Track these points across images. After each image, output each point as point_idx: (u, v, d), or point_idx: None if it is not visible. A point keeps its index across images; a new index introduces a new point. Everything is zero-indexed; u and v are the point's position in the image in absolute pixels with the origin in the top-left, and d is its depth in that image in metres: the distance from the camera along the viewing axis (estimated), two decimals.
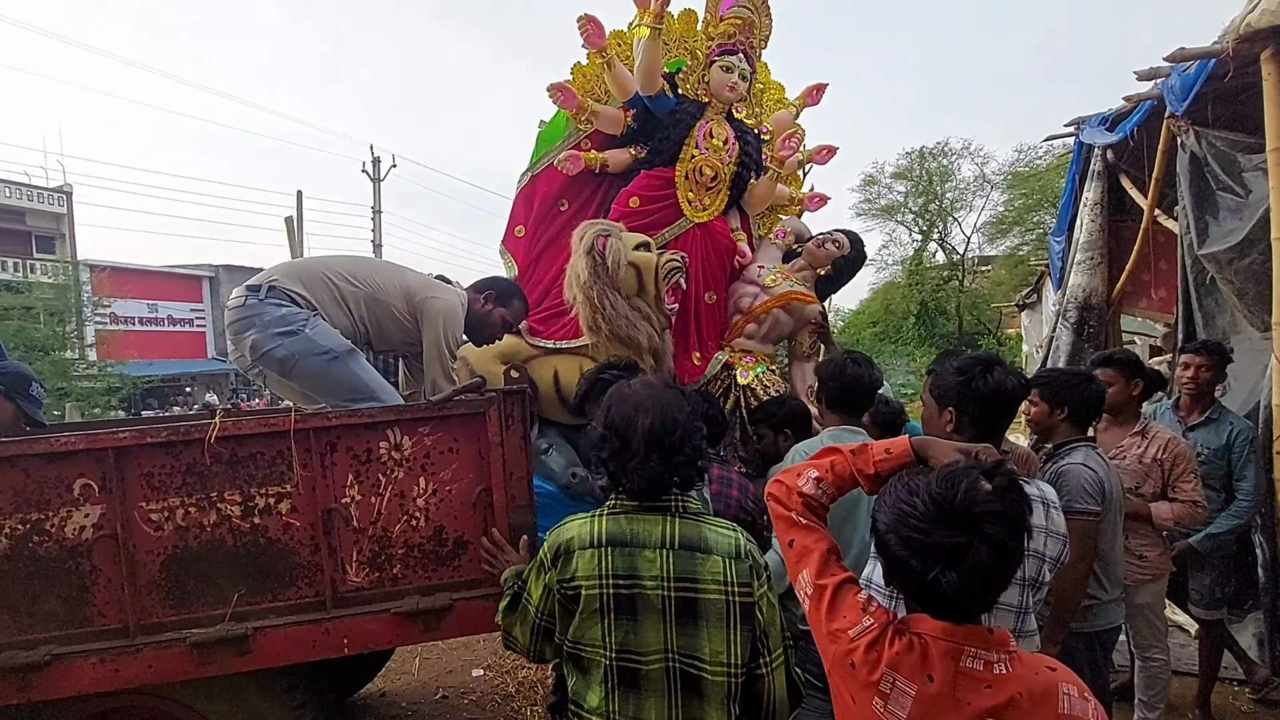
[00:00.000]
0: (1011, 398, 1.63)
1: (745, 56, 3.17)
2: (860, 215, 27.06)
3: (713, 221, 3.24)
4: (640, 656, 1.38)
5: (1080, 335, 5.96)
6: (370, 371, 2.52)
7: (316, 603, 2.13)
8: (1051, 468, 2.39)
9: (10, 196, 25.60)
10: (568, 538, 1.44)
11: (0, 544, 2.00)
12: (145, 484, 2.06)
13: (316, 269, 2.57)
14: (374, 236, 21.12)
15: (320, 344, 2.41)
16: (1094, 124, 5.58)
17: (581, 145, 3.27)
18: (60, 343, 18.49)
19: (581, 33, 3.04)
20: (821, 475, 1.23)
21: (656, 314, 2.83)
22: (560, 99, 3.18)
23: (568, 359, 2.89)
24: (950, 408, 1.65)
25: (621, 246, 2.74)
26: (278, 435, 2.10)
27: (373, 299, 2.57)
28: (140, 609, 2.06)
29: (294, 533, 2.13)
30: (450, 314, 2.56)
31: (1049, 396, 2.44)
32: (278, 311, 2.41)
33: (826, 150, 3.70)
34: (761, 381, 3.13)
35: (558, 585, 1.42)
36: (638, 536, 1.40)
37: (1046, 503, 1.62)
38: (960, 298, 24.95)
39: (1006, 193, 23.24)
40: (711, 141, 3.16)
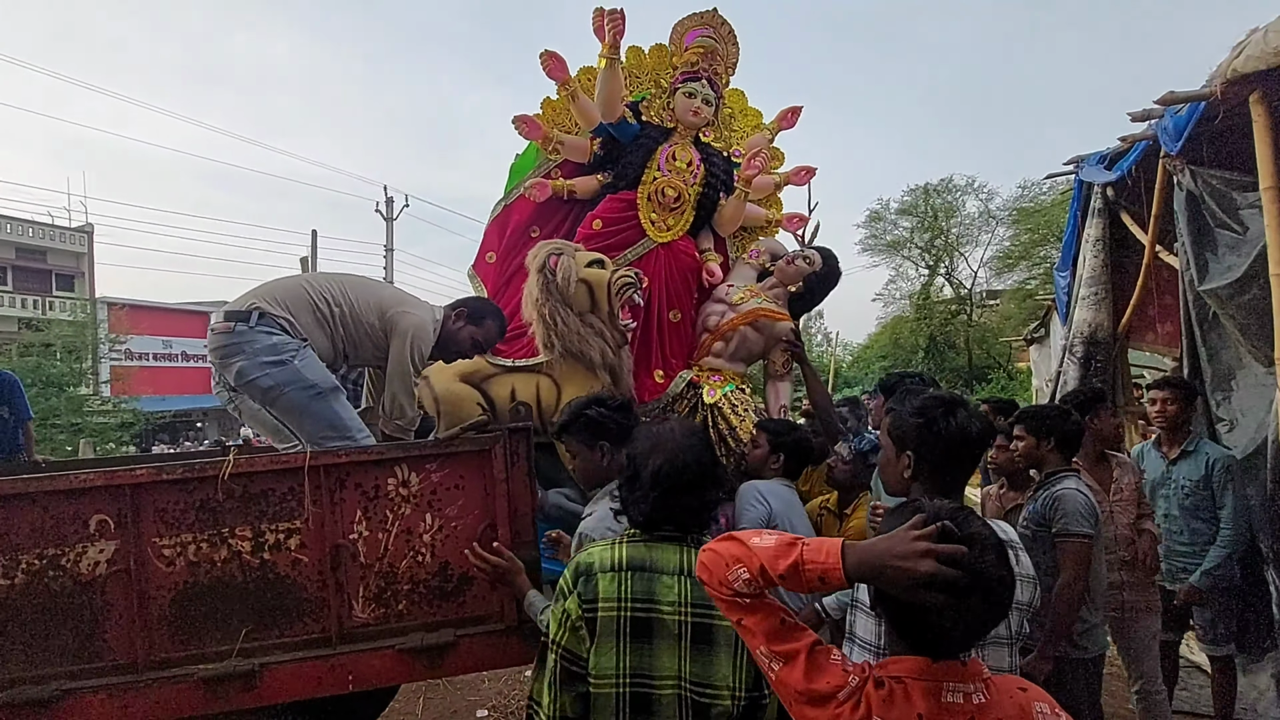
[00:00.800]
0: (975, 443, 1.51)
1: (709, 83, 3.29)
2: (866, 250, 27.26)
3: (677, 241, 3.31)
4: (653, 682, 1.40)
5: (1088, 370, 5.95)
6: (350, 411, 2.57)
7: (323, 638, 2.15)
8: (1044, 494, 2.46)
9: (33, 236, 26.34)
10: (589, 562, 1.48)
11: (17, 579, 2.05)
12: (159, 520, 2.11)
13: (299, 291, 2.59)
14: (386, 274, 21.48)
15: (307, 378, 2.45)
16: (1092, 162, 5.67)
17: (552, 174, 3.41)
18: (77, 379, 18.77)
19: (543, 67, 3.21)
20: (751, 577, 1.10)
21: (611, 330, 2.86)
22: (525, 130, 3.33)
23: (525, 376, 2.93)
24: (909, 451, 1.52)
25: (573, 264, 2.81)
26: (289, 472, 2.15)
27: (350, 317, 2.61)
28: (150, 644, 2.08)
29: (302, 568, 2.16)
30: (419, 330, 2.59)
31: (1034, 429, 2.55)
32: (268, 340, 2.43)
33: (805, 171, 3.74)
34: (729, 400, 3.11)
35: (579, 607, 1.43)
36: (656, 563, 1.45)
37: (1013, 546, 1.55)
38: (969, 332, 24.91)
39: (1012, 228, 23.38)
40: (674, 164, 3.26)
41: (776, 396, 3.32)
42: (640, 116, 3.38)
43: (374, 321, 2.61)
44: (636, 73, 3.48)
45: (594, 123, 3.30)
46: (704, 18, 3.41)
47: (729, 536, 1.17)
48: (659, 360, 3.22)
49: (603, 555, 1.48)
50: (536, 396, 2.85)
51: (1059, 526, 2.37)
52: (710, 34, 3.37)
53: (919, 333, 25.33)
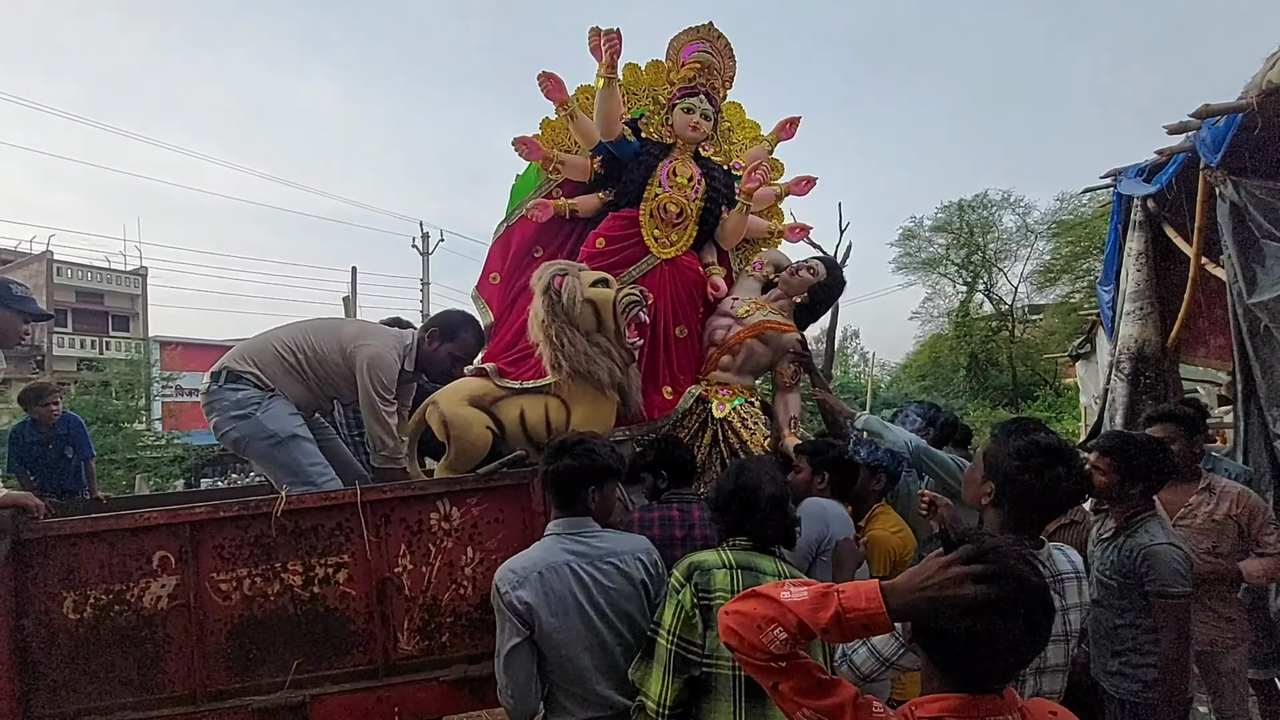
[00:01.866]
0: (1062, 503, 1.55)
1: (707, 97, 3.29)
2: (901, 269, 26.92)
3: (681, 257, 3.29)
4: None
5: (1136, 387, 5.75)
6: (311, 456, 2.66)
7: (370, 670, 2.21)
8: (1129, 543, 2.27)
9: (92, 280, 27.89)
10: (700, 561, 1.78)
11: (86, 613, 2.16)
12: (216, 555, 2.21)
13: (267, 346, 2.74)
14: (422, 307, 22.02)
15: (267, 428, 2.60)
16: (1130, 175, 5.56)
17: (553, 194, 3.42)
18: (131, 416, 19.59)
19: (541, 89, 3.25)
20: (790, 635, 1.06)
21: (618, 349, 2.84)
22: (525, 151, 3.36)
23: (533, 398, 2.91)
24: (994, 483, 1.58)
25: (578, 284, 2.79)
26: (337, 508, 2.23)
27: (316, 360, 2.73)
28: (207, 676, 2.17)
29: (350, 602, 2.23)
30: (374, 361, 2.68)
31: (1123, 468, 2.31)
32: (234, 396, 2.62)
33: (805, 181, 3.71)
34: (739, 414, 3.08)
35: (693, 598, 1.71)
36: (759, 566, 1.78)
37: (1079, 576, 1.58)
38: (1012, 348, 24.28)
39: (1052, 241, 22.87)
40: (675, 179, 3.26)
41: (786, 408, 3.28)
42: (639, 134, 3.40)
43: (338, 360, 2.73)
44: (635, 90, 3.51)
45: (593, 141, 3.34)
46: (700, 32, 3.43)
47: (753, 594, 1.14)
48: (667, 376, 3.20)
49: (713, 557, 1.79)
50: (545, 418, 2.83)
51: (1155, 587, 2.18)
52: (707, 49, 3.38)
53: (959, 350, 24.79)
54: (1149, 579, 2.19)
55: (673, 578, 1.80)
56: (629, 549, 1.96)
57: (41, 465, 4.28)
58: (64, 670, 2.16)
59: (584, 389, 2.80)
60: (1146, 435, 2.59)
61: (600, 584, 1.87)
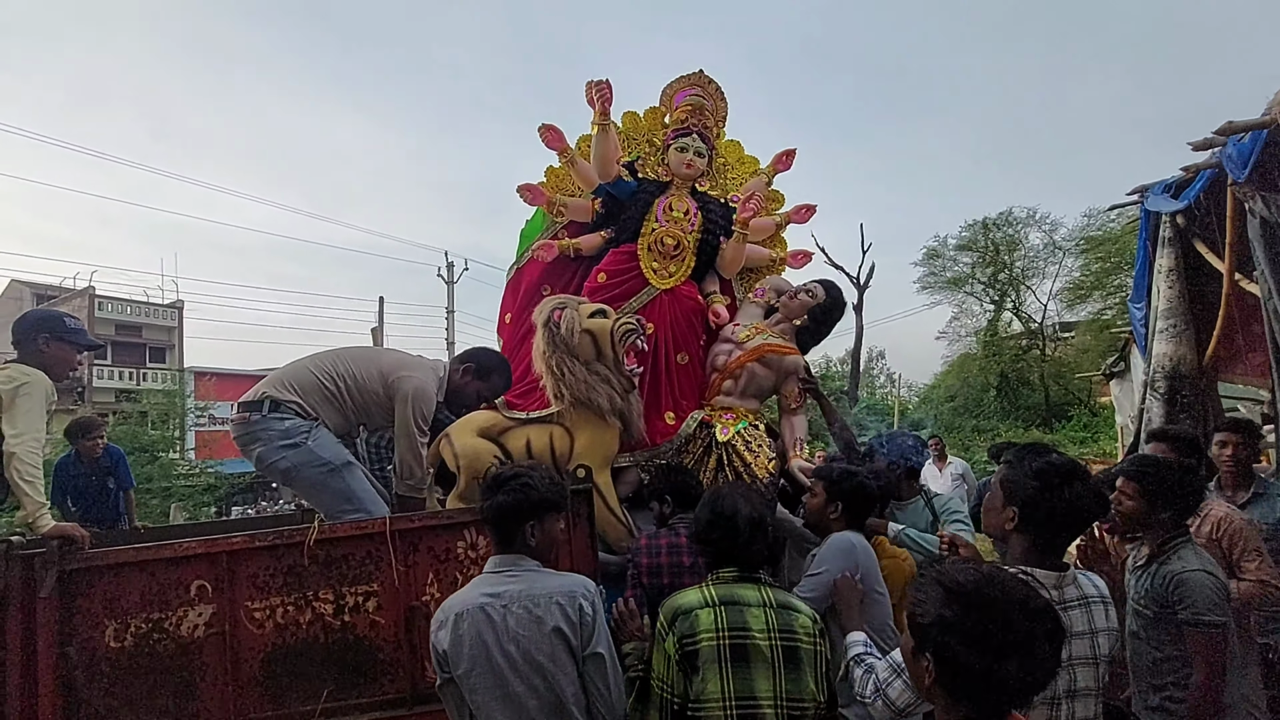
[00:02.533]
0: (1085, 519, 1.56)
1: (700, 136, 3.46)
2: (926, 289, 26.63)
3: (679, 286, 3.40)
4: (756, 704, 1.62)
5: (1174, 406, 5.61)
6: (364, 484, 2.72)
7: (398, 699, 2.23)
8: (1161, 570, 2.19)
9: (130, 313, 28.90)
10: (683, 603, 1.73)
11: (126, 642, 2.22)
12: (251, 584, 2.26)
13: (305, 373, 2.79)
14: (448, 335, 22.35)
15: (321, 456, 2.65)
16: (1157, 192, 5.49)
17: (558, 235, 3.60)
18: (167, 445, 20.08)
19: (542, 140, 3.47)
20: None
21: (617, 376, 2.92)
22: (529, 197, 3.59)
23: (538, 428, 2.99)
24: (1015, 507, 1.58)
25: (576, 316, 2.90)
26: (367, 537, 2.27)
27: (355, 389, 2.79)
28: (241, 704, 2.21)
29: (380, 630, 2.27)
30: (419, 393, 2.74)
31: (1150, 493, 2.22)
32: (281, 425, 2.66)
33: (806, 209, 3.81)
34: (743, 437, 3.10)
35: (677, 646, 1.67)
36: (742, 598, 1.73)
37: (1105, 600, 1.57)
38: (1043, 367, 23.77)
39: (1081, 257, 22.48)
40: (671, 214, 3.41)
41: (791, 430, 3.30)
42: (636, 174, 3.58)
43: (378, 389, 2.79)
44: (633, 134, 3.72)
45: (593, 184, 3.52)
46: (691, 79, 3.61)
47: None
48: (669, 403, 3.28)
49: (695, 596, 1.74)
50: (550, 446, 2.91)
51: (1187, 615, 2.09)
52: (698, 93, 3.55)
53: (989, 370, 24.32)
54: (1181, 607, 2.11)
55: (659, 622, 1.74)
56: (548, 591, 1.71)
57: (84, 496, 4.44)
58: (105, 699, 2.22)
59: (586, 417, 2.88)
60: (1174, 459, 2.53)
61: (510, 629, 1.66)
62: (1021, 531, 1.57)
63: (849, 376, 28.50)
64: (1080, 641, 1.47)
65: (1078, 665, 1.46)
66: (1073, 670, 1.45)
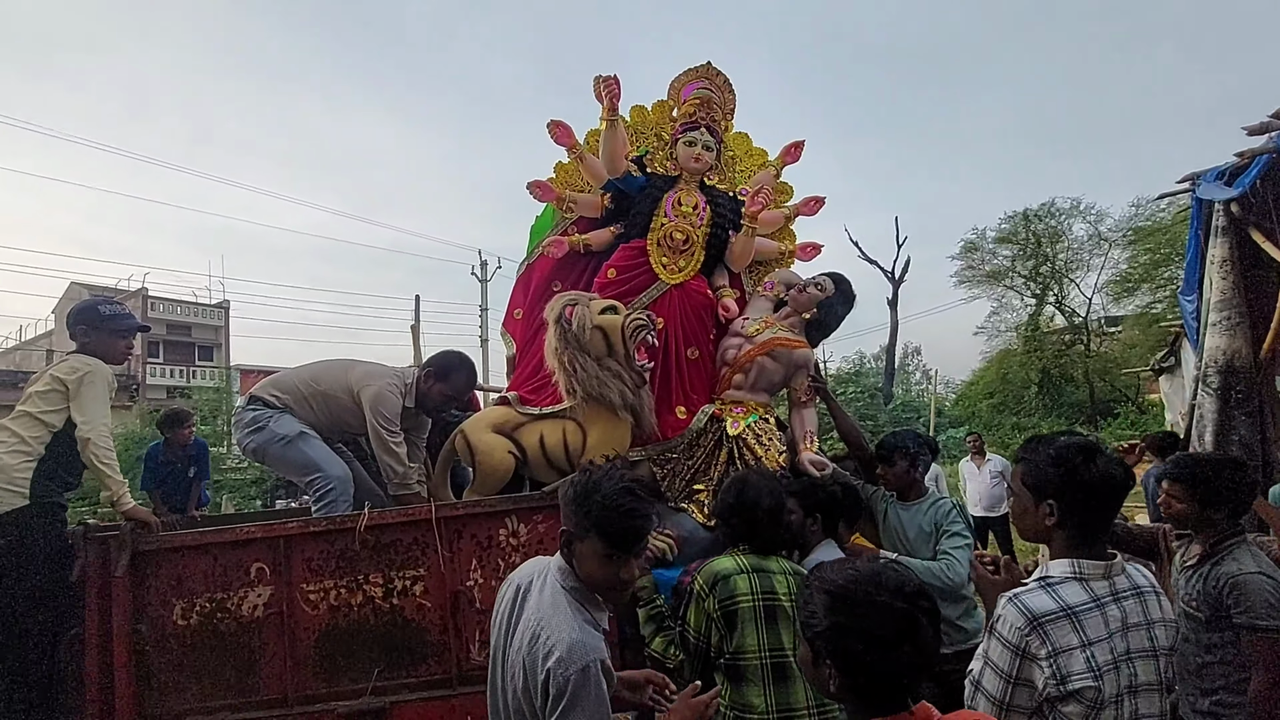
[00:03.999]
0: (1120, 489, 1.48)
1: (709, 130, 3.45)
2: (963, 283, 26.01)
3: (689, 281, 3.41)
4: (784, 653, 1.92)
5: (1227, 402, 5.41)
6: (319, 450, 2.96)
7: (444, 679, 2.32)
8: (1214, 572, 2.14)
9: (180, 314, 30.09)
10: (720, 570, 2.00)
11: (192, 620, 2.36)
12: (306, 567, 2.38)
13: (290, 378, 3.12)
14: (481, 332, 22.68)
15: (278, 433, 2.92)
16: (1209, 179, 5.30)
17: (568, 231, 3.62)
18: (217, 440, 20.85)
19: (551, 136, 3.51)
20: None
21: (628, 372, 2.96)
22: (539, 194, 3.60)
23: (551, 423, 3.05)
24: (1050, 500, 1.50)
25: (587, 313, 2.95)
26: (415, 524, 2.36)
27: (325, 397, 3.05)
28: (298, 681, 2.33)
29: (426, 613, 2.36)
30: (376, 399, 2.97)
31: (1200, 495, 2.17)
32: (250, 415, 3.00)
33: (814, 201, 3.78)
34: (753, 430, 3.11)
35: (717, 607, 1.94)
36: (768, 567, 2.03)
37: (1156, 591, 1.51)
38: (1088, 363, 23.04)
39: (1128, 249, 21.72)
40: (680, 209, 3.41)
41: (801, 423, 3.29)
42: (645, 169, 3.59)
43: (344, 398, 3.05)
44: (642, 129, 3.72)
45: (602, 180, 3.54)
46: (699, 71, 3.62)
47: None
48: (680, 397, 3.29)
49: (731, 563, 2.02)
50: (563, 441, 2.97)
51: (1244, 619, 2.05)
52: (706, 85, 3.56)
53: (1029, 366, 23.67)
54: (1237, 611, 2.06)
55: (697, 584, 2.01)
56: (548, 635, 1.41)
57: (167, 482, 4.72)
58: (173, 673, 2.36)
59: (598, 411, 2.94)
60: (1221, 454, 2.44)
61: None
62: (1063, 525, 1.49)
63: (883, 373, 28.09)
64: (1137, 633, 1.43)
65: (1136, 658, 1.41)
66: (1132, 664, 1.41)
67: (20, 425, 2.50)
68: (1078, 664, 1.34)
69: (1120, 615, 1.42)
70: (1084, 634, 1.36)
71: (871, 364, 30.89)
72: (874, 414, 21.23)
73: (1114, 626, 1.40)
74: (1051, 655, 1.34)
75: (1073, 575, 1.44)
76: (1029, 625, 1.36)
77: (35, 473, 2.44)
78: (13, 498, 2.38)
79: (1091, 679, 1.33)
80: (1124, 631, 1.41)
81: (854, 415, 20.20)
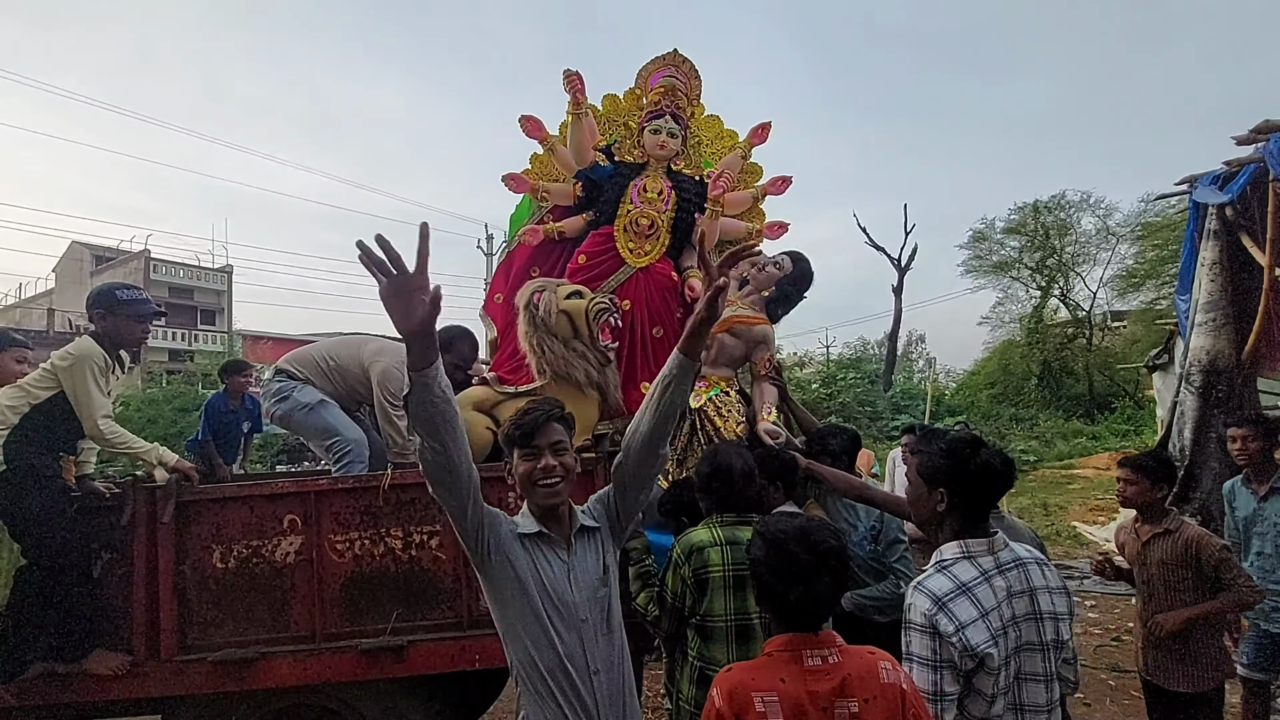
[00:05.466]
0: (998, 478, 1.66)
1: (673, 117, 3.61)
2: (970, 273, 26.04)
3: (655, 264, 3.58)
4: (749, 617, 2.13)
5: (1208, 401, 5.61)
6: (338, 416, 3.24)
7: (455, 623, 2.58)
8: None
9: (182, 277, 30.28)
10: (695, 541, 2.21)
11: (231, 564, 2.62)
12: (334, 520, 2.62)
13: (310, 353, 3.40)
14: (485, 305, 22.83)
15: (301, 401, 3.20)
16: (1205, 183, 5.44)
17: (544, 219, 3.81)
18: None
19: (522, 130, 3.72)
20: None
21: (593, 352, 3.18)
22: (513, 186, 3.81)
23: (525, 401, 3.27)
24: (941, 488, 1.68)
25: (553, 298, 3.16)
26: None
27: (341, 370, 3.31)
28: (325, 620, 2.59)
29: (441, 564, 2.61)
30: (383, 375, 3.22)
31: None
32: (276, 385, 3.28)
33: (781, 181, 3.91)
34: (715, 403, 3.34)
35: (691, 575, 2.16)
36: (740, 538, 2.17)
37: (1039, 562, 1.69)
38: (1089, 357, 23.16)
39: (1136, 244, 21.69)
40: (646, 195, 3.59)
41: (761, 396, 3.46)
42: (613, 158, 3.75)
43: (358, 373, 3.31)
44: (614, 117, 3.88)
45: (573, 170, 3.73)
46: (666, 59, 3.75)
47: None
48: (646, 374, 3.47)
49: (706, 535, 2.22)
50: None
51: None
52: (672, 73, 3.70)
53: (1031, 359, 23.79)
54: None
55: (675, 552, 2.24)
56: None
57: (220, 433, 4.87)
58: (212, 610, 2.62)
59: (567, 390, 3.16)
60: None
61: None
62: (952, 510, 1.67)
63: (885, 359, 28.25)
64: (1020, 600, 1.60)
65: (1021, 621, 1.58)
66: (1018, 626, 1.57)
67: (6, 395, 2.63)
68: (980, 634, 1.50)
69: (1005, 585, 1.59)
70: (980, 606, 1.53)
71: (875, 350, 31.04)
72: (873, 400, 21.41)
73: (1000, 596, 1.57)
74: (958, 629, 1.50)
75: (963, 555, 1.62)
76: (934, 606, 1.52)
77: (7, 440, 2.56)
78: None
79: (991, 645, 1.50)
80: (1009, 599, 1.58)
81: (853, 400, 20.46)
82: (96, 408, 2.63)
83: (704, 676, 2.12)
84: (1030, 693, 1.59)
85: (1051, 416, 20.84)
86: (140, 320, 2.84)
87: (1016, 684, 1.58)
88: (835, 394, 21.11)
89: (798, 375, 26.14)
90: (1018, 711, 1.57)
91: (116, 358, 2.80)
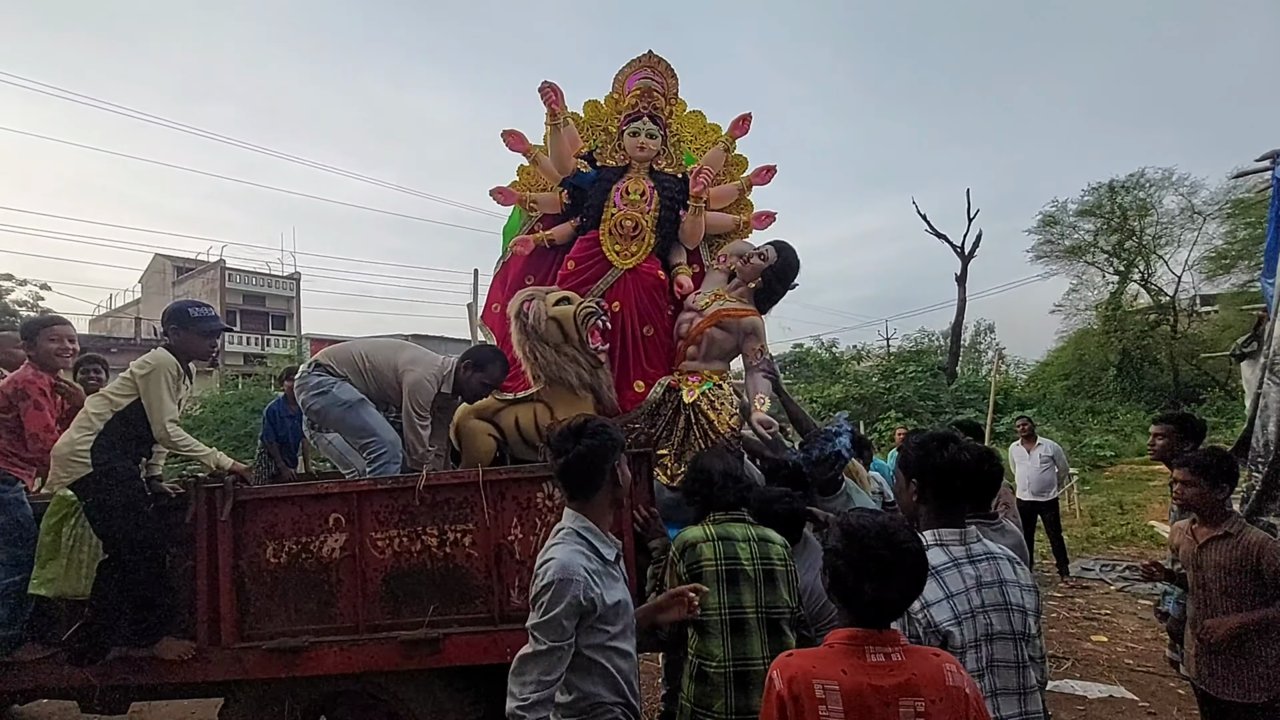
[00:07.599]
0: (966, 470, 1.78)
1: (651, 118, 3.63)
2: (1041, 258, 24.77)
3: (641, 265, 3.60)
4: (743, 611, 2.17)
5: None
6: (375, 417, 3.29)
7: (488, 618, 2.69)
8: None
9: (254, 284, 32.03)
10: (689, 538, 2.27)
11: (282, 559, 2.80)
12: (374, 519, 2.77)
13: (348, 351, 3.42)
14: None
15: (340, 398, 3.24)
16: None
17: (535, 229, 3.89)
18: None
19: (506, 144, 3.76)
20: None
21: (584, 355, 3.25)
22: (501, 199, 3.90)
23: (524, 407, 3.38)
24: (914, 479, 1.83)
25: (542, 306, 3.23)
26: (465, 485, 2.73)
27: (375, 371, 3.35)
28: (367, 612, 2.74)
29: (474, 562, 2.73)
30: (414, 386, 3.24)
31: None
32: (314, 379, 3.30)
33: (766, 170, 3.88)
34: (708, 397, 3.32)
35: (685, 570, 2.21)
36: (733, 534, 2.27)
37: (1010, 559, 1.77)
38: (1173, 345, 21.67)
39: (1225, 224, 20.16)
40: (629, 197, 3.61)
41: (754, 387, 3.44)
42: (595, 163, 3.79)
43: (391, 378, 3.34)
44: (596, 122, 3.92)
45: (557, 179, 3.79)
46: (641, 62, 3.77)
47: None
48: (638, 372, 3.53)
49: (699, 533, 2.29)
50: (535, 421, 3.32)
51: None
52: (648, 75, 3.72)
53: (1109, 348, 22.46)
54: None
55: (671, 550, 2.31)
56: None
57: (283, 437, 5.21)
58: (266, 601, 2.82)
59: (561, 393, 3.25)
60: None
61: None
62: (924, 500, 1.81)
63: (948, 351, 27.16)
64: (990, 590, 1.68)
65: (991, 610, 1.66)
66: (987, 615, 1.66)
67: (92, 404, 2.89)
68: (944, 613, 1.62)
69: (975, 574, 1.69)
70: (946, 588, 1.66)
71: (940, 341, 29.93)
72: (935, 394, 20.66)
73: (969, 583, 1.68)
74: (924, 607, 1.61)
75: (935, 543, 1.73)
76: None
77: (94, 445, 2.78)
78: (80, 467, 2.76)
79: (954, 624, 1.61)
80: (979, 588, 1.67)
81: (913, 394, 19.81)
82: (166, 413, 2.85)
83: (702, 673, 2.15)
84: (1002, 678, 1.66)
85: (1132, 409, 19.64)
86: (209, 336, 3.07)
87: (990, 670, 1.65)
88: (894, 387, 20.51)
89: (855, 369, 25.48)
90: (992, 697, 1.63)
91: (186, 369, 3.02)
